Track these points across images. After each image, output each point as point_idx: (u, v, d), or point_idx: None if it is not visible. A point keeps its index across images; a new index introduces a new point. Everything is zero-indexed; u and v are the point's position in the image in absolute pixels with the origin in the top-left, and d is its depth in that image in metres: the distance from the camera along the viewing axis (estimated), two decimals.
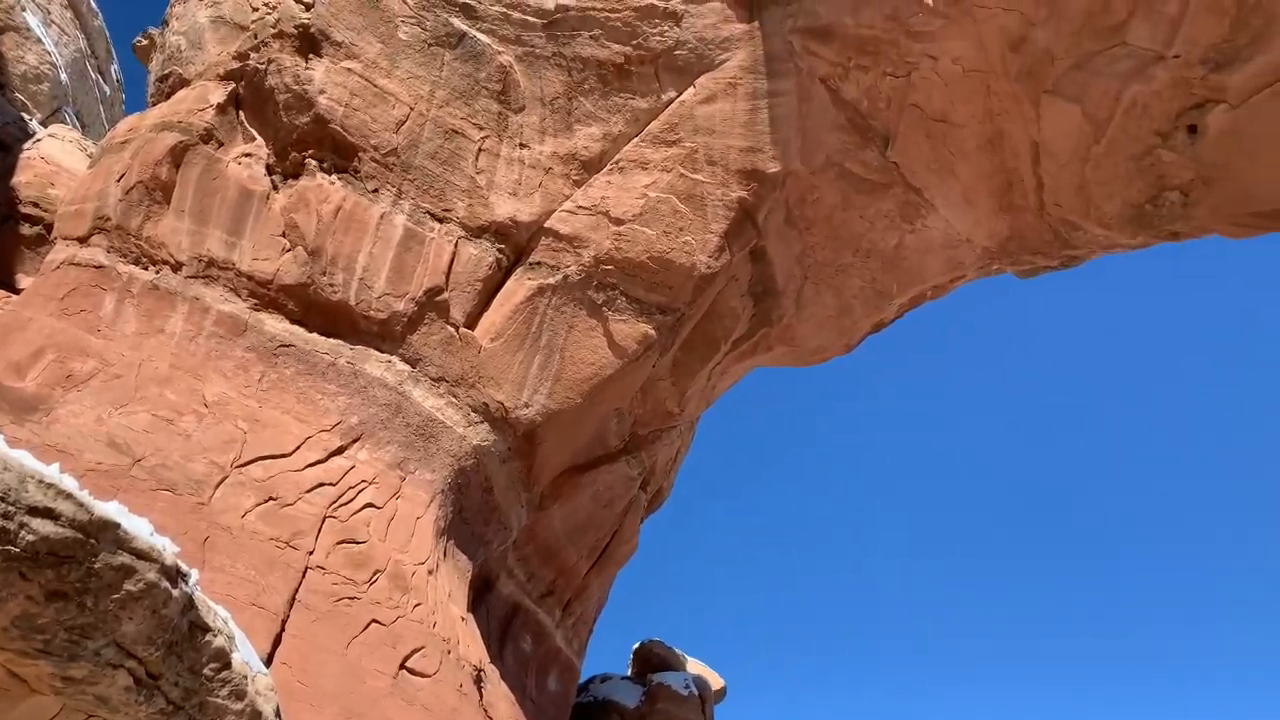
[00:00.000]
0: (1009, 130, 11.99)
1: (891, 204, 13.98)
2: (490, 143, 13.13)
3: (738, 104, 13.51)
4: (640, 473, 15.14)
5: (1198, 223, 11.26)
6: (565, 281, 13.00)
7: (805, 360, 16.45)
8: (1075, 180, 11.64)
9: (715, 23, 13.42)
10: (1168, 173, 10.83)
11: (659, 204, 13.26)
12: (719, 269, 13.52)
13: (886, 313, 15.44)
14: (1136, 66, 10.17)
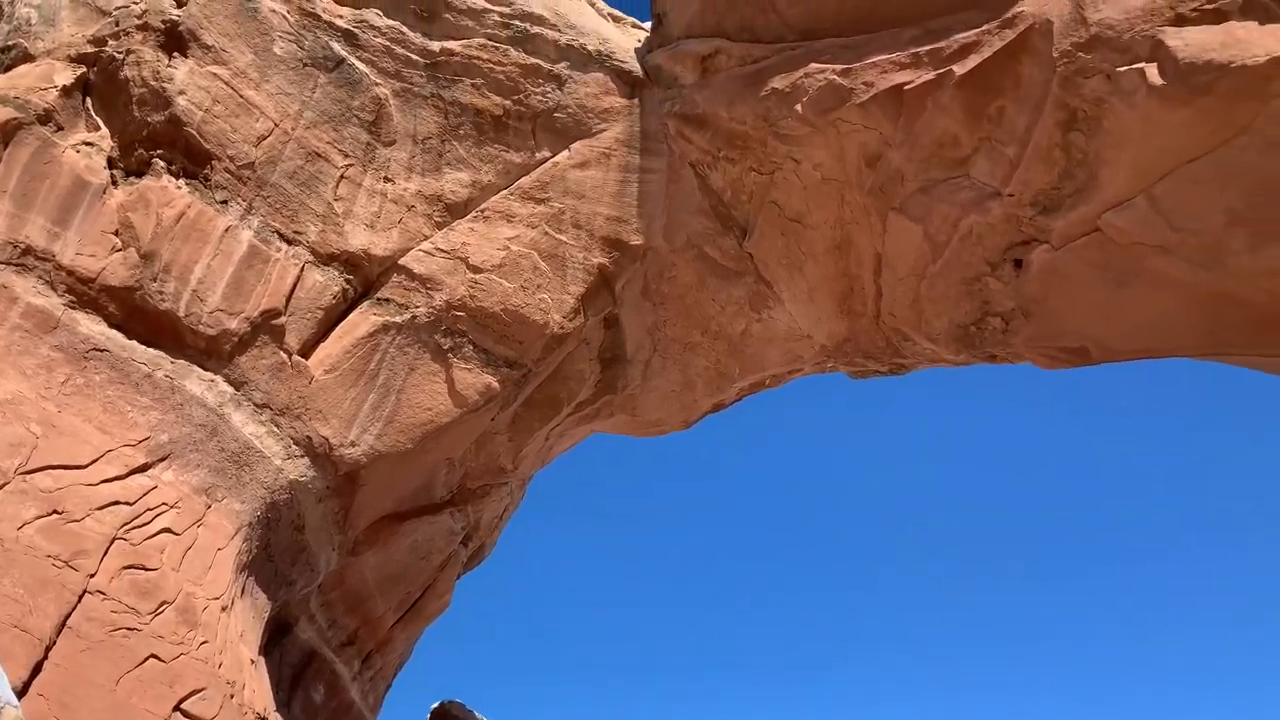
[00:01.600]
0: (857, 239, 12.65)
1: (743, 292, 14.45)
2: (354, 171, 12.86)
3: (610, 174, 13.76)
4: (464, 527, 14.81)
5: (1014, 349, 12.12)
6: (413, 322, 12.74)
7: (644, 431, 16.62)
8: (911, 294, 12.36)
9: (597, 93, 13.70)
10: (992, 300, 11.65)
11: (520, 258, 13.26)
12: (572, 330, 13.59)
13: (727, 395, 15.84)
14: (976, 199, 10.93)
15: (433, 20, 13.39)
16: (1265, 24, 8.50)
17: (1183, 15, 8.83)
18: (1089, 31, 9.25)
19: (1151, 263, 10.14)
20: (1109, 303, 10.80)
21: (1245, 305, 10.05)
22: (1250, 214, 9.23)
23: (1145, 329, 10.99)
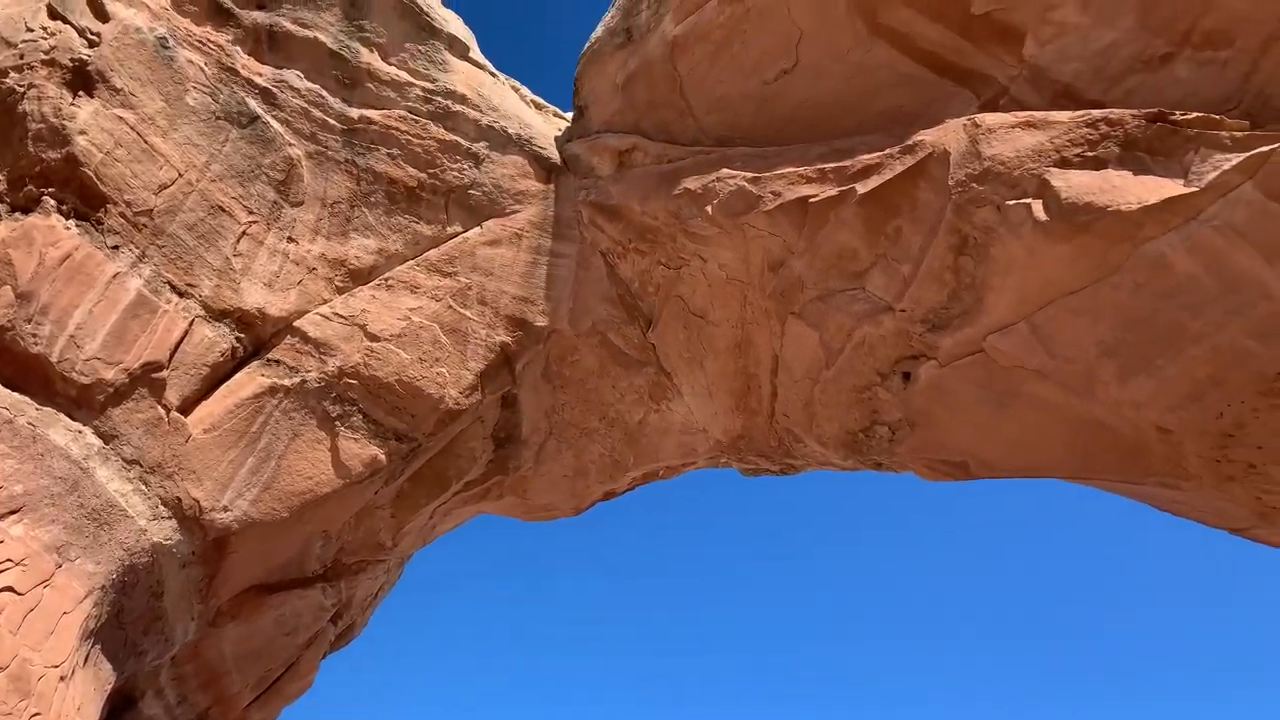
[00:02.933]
0: (757, 339, 12.93)
1: (644, 381, 14.55)
2: (257, 229, 12.58)
3: (520, 254, 13.81)
4: (335, 604, 14.18)
5: (898, 459, 12.45)
6: (302, 386, 12.37)
7: (533, 515, 16.36)
8: (804, 397, 12.64)
9: (514, 175, 13.84)
10: (881, 409, 12.00)
11: (421, 330, 13.09)
12: (468, 407, 13.39)
13: (619, 483, 15.77)
14: (870, 311, 11.33)
15: (354, 88, 13.41)
16: (1138, 175, 9.18)
17: (1067, 159, 9.48)
18: (982, 165, 9.82)
19: (1030, 386, 10.61)
20: (989, 421, 11.22)
21: (1112, 433, 10.58)
22: (1119, 348, 9.78)
23: (1022, 449, 11.43)
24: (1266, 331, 8.92)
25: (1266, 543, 11.67)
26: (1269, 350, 9.00)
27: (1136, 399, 9.94)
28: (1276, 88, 9.21)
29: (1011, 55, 10.83)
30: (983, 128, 10.07)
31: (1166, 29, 9.78)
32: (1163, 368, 9.64)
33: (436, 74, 14.10)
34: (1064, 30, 10.39)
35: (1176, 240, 8.98)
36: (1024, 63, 10.73)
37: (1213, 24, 9.46)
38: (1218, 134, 8.83)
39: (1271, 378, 9.17)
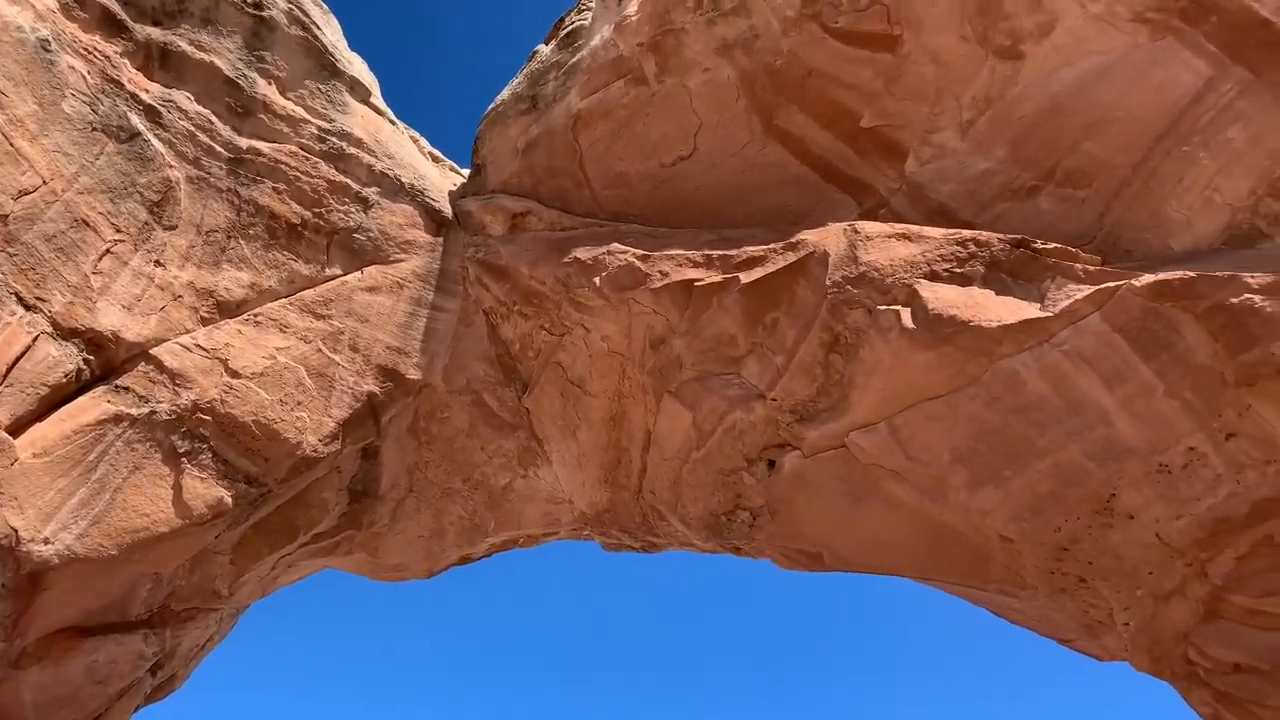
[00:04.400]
0: (631, 414, 13.00)
1: (514, 445, 14.37)
2: (123, 248, 11.97)
3: (399, 304, 13.56)
4: (156, 653, 13.18)
5: (757, 545, 12.62)
6: (150, 417, 11.68)
7: (382, 575, 15.75)
8: (673, 476, 12.72)
9: (402, 224, 13.67)
10: (745, 495, 12.18)
11: (286, 370, 12.61)
12: (326, 455, 12.89)
13: (477, 548, 15.40)
14: (743, 397, 11.58)
15: (246, 117, 13.07)
16: (1000, 295, 9.77)
17: (937, 272, 10.02)
18: (858, 269, 10.28)
19: (886, 485, 10.99)
20: (845, 515, 11.53)
21: (960, 538, 11.02)
22: (971, 456, 10.27)
23: (874, 545, 11.77)
24: (1103, 454, 9.54)
25: (1088, 654, 12.28)
26: (1104, 472, 9.61)
27: (984, 507, 10.42)
28: (1126, 229, 10.03)
29: (894, 170, 11.47)
30: (862, 234, 10.57)
31: (1034, 164, 10.57)
32: (1009, 479, 10.15)
33: (334, 114, 13.89)
34: (943, 153, 11.10)
35: (1030, 360, 9.57)
36: (904, 179, 11.38)
37: (1075, 164, 10.28)
38: (1073, 265, 9.53)
39: (1105, 498, 9.78)
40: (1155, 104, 9.66)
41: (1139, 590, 10.01)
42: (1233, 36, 9.13)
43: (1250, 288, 8.50)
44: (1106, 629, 10.88)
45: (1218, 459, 9.04)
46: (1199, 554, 9.40)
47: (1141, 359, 9.08)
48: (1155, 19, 9.48)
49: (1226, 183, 9.29)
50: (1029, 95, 10.40)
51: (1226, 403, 8.84)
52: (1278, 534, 8.95)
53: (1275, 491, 8.83)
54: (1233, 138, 9.20)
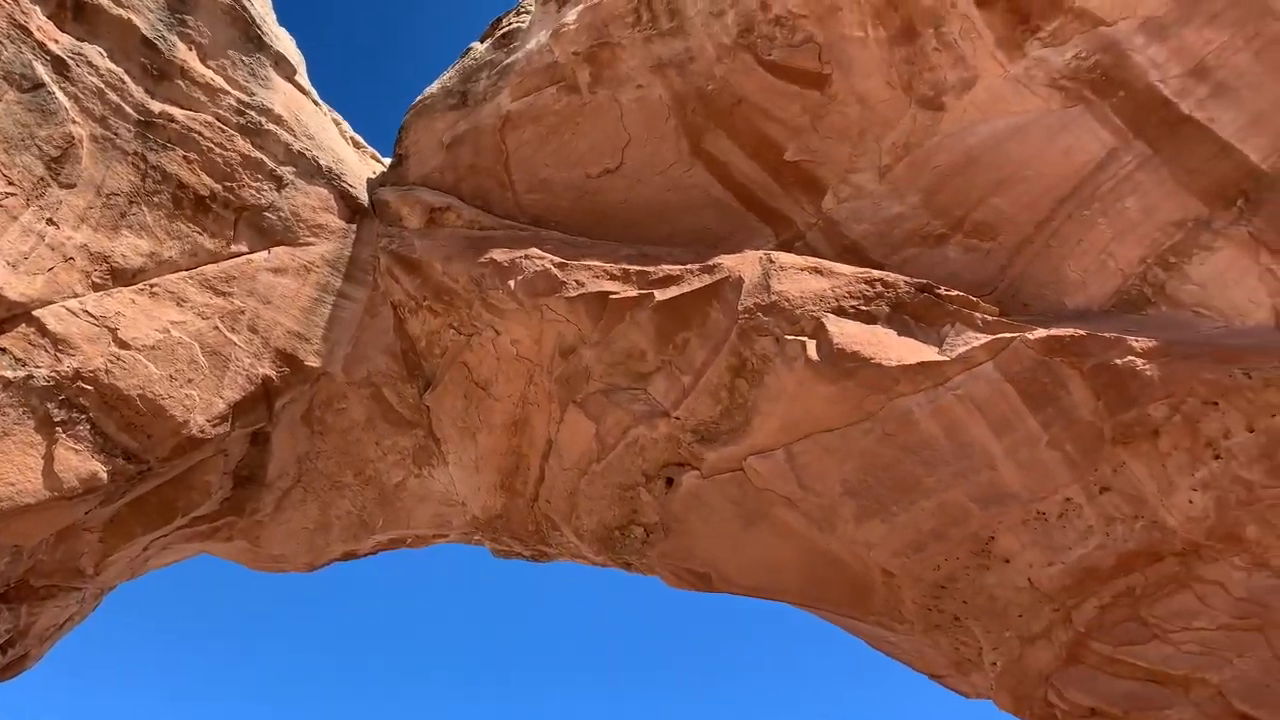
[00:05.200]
0: (534, 421, 12.92)
1: (410, 443, 14.11)
2: (14, 203, 11.35)
3: (305, 288, 13.22)
4: (9, 630, 12.47)
5: (648, 562, 12.67)
6: (26, 382, 11.08)
7: (261, 565, 15.25)
8: (570, 487, 12.68)
9: (316, 207, 13.35)
10: (640, 510, 12.23)
11: (178, 346, 12.13)
12: (213, 437, 12.43)
13: (362, 545, 15.05)
14: (648, 413, 11.63)
15: (161, 80, 12.59)
16: (901, 335, 10.08)
17: (844, 308, 10.28)
18: (770, 298, 10.47)
19: (778, 511, 11.18)
20: (736, 538, 11.68)
21: (844, 568, 11.28)
22: (861, 490, 10.54)
23: (761, 570, 11.95)
24: (986, 498, 9.91)
25: (958, 691, 12.69)
26: (985, 515, 9.99)
27: (869, 539, 10.69)
28: (1025, 283, 10.47)
29: (812, 205, 11.74)
30: (776, 264, 10.77)
31: (945, 213, 10.96)
32: (895, 514, 10.45)
33: (256, 88, 13.48)
34: (860, 194, 11.41)
35: (924, 401, 9.89)
36: (822, 214, 11.66)
37: (983, 217, 10.70)
38: (973, 314, 9.90)
39: (984, 540, 10.16)
40: (1062, 167, 10.12)
41: (1008, 632, 10.40)
42: (1137, 112, 9.65)
43: (1134, 351, 8.97)
44: (975, 667, 11.27)
45: (1091, 511, 9.49)
46: (1066, 600, 9.84)
47: (1029, 409, 9.48)
48: (1069, 87, 9.95)
49: (1120, 249, 9.80)
50: (946, 146, 10.78)
51: (1103, 458, 9.30)
52: (1138, 587, 9.44)
53: (1140, 546, 9.31)
54: (1129, 207, 9.71)
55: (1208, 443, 8.82)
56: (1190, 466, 8.93)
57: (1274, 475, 8.57)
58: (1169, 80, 9.43)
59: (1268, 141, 8.92)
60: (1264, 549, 8.73)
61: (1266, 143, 8.92)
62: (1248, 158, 9.01)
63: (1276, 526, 8.63)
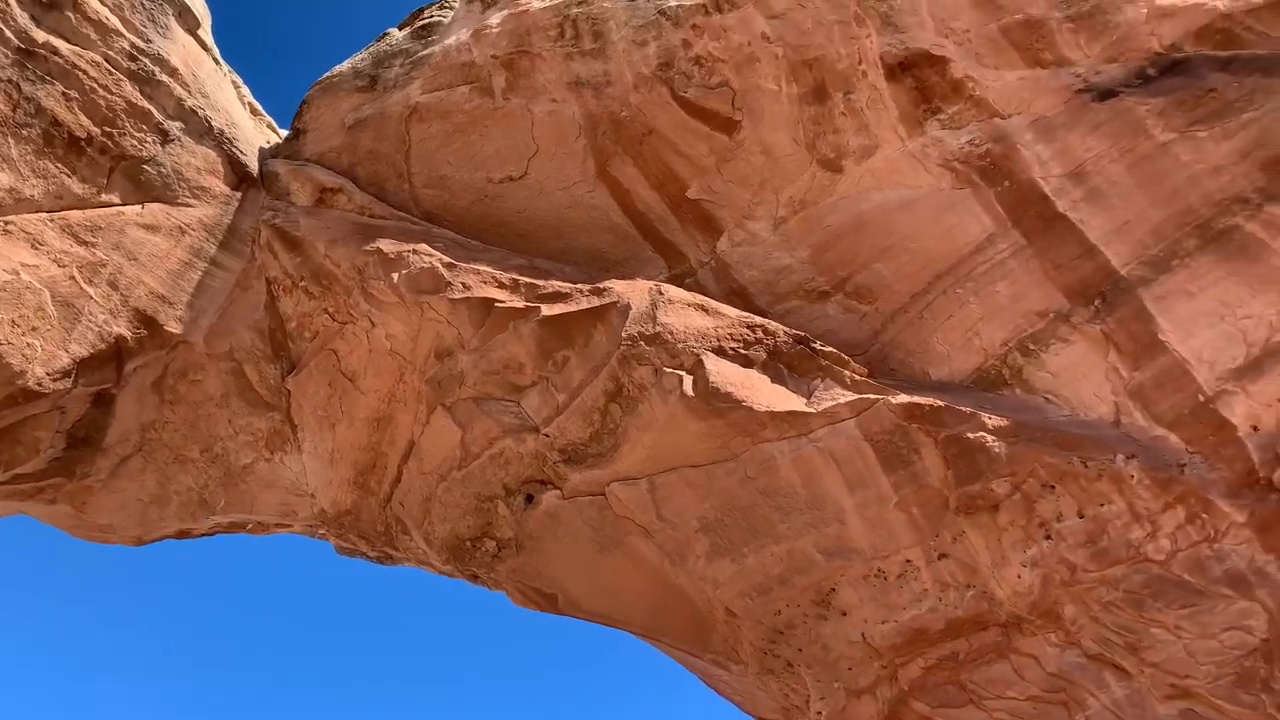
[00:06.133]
0: (399, 420, 12.62)
1: (265, 426, 13.56)
2: None
3: (176, 250, 12.61)
4: None
5: (495, 576, 12.50)
6: None
7: (85, 533, 14.31)
8: (427, 491, 12.42)
9: (201, 168, 12.78)
10: (496, 524, 12.07)
11: (27, 291, 11.35)
12: (51, 391, 11.64)
13: (199, 525, 14.32)
14: (517, 426, 11.52)
15: (50, 10, 11.84)
16: (774, 383, 10.32)
17: (723, 349, 10.46)
18: (655, 328, 10.56)
19: (633, 540, 11.23)
20: (589, 562, 11.66)
21: (689, 604, 11.40)
22: (716, 528, 10.70)
23: (609, 596, 11.95)
24: (833, 550, 10.20)
25: None
26: (829, 566, 10.28)
27: (717, 578, 10.84)
28: (895, 349, 10.90)
29: (707, 244, 11.94)
30: (665, 296, 10.89)
31: (830, 272, 11.32)
32: (746, 556, 10.65)
33: (154, 36, 12.83)
34: (754, 240, 11.68)
35: (787, 449, 10.14)
36: (715, 255, 11.87)
37: (865, 281, 11.10)
38: (843, 371, 10.23)
39: (826, 591, 10.45)
40: (944, 245, 10.61)
41: (837, 683, 10.70)
42: (1017, 203, 10.22)
43: (986, 427, 9.45)
44: (801, 714, 11.53)
45: (928, 575, 9.89)
46: (895, 658, 10.20)
47: (883, 470, 9.84)
48: (959, 170, 10.46)
49: (987, 330, 10.31)
50: (840, 208, 11.16)
51: (945, 526, 9.72)
52: (962, 652, 9.88)
53: (969, 614, 9.76)
54: (999, 291, 10.24)
55: (1041, 523, 9.34)
56: (1023, 543, 9.43)
57: (1096, 560, 9.13)
58: (1050, 178, 10.03)
59: (1129, 249, 9.56)
60: (1078, 629, 9.27)
61: (1128, 250, 9.57)
62: (1110, 261, 9.64)
63: (1091, 609, 9.19)
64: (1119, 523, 9.04)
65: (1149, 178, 9.54)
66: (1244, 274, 8.94)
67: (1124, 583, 9.02)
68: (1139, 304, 9.41)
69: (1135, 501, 8.98)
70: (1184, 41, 9.55)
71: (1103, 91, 9.88)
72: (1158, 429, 9.21)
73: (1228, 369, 8.90)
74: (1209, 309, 9.06)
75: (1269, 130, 8.98)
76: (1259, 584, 8.55)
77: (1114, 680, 9.18)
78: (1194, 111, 9.37)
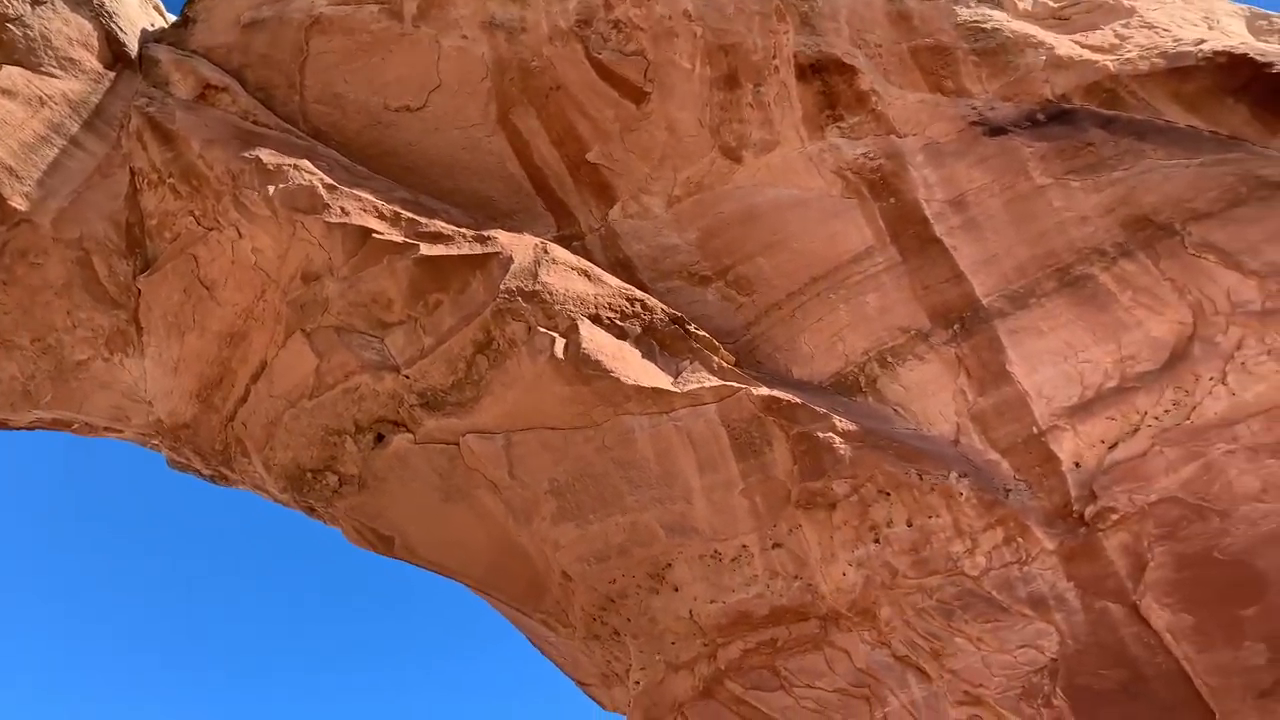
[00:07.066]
0: (254, 338, 12.11)
1: (108, 324, 12.77)
2: None
3: (33, 121, 11.75)
4: None
5: (333, 512, 12.20)
6: None
7: None
8: (273, 415, 11.97)
9: (73, 38, 11.91)
10: (341, 459, 11.76)
11: None
12: None
13: (19, 418, 13.38)
14: (377, 363, 11.23)
15: None
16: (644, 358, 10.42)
17: (600, 317, 10.47)
18: (535, 286, 10.47)
19: (481, 493, 11.17)
20: (433, 510, 11.54)
21: (529, 563, 11.44)
22: (566, 492, 10.76)
23: (449, 546, 11.87)
24: (675, 527, 10.41)
25: (597, 701, 13.20)
26: (669, 542, 10.48)
27: (560, 541, 10.90)
28: (764, 343, 11.15)
29: (599, 211, 11.90)
30: (550, 256, 10.80)
31: (715, 258, 11.46)
32: (591, 523, 10.74)
33: None
34: (646, 214, 11.70)
35: (647, 424, 10.26)
36: (606, 223, 11.84)
37: (746, 272, 11.29)
38: (712, 357, 10.42)
39: (662, 566, 10.65)
40: (825, 249, 10.89)
41: (659, 656, 10.95)
42: (899, 221, 10.59)
43: (836, 429, 9.80)
44: (619, 683, 11.77)
45: (760, 562, 10.22)
46: (717, 638, 10.50)
47: (735, 456, 10.10)
48: (851, 180, 10.76)
49: (851, 337, 10.67)
50: (734, 197, 11.30)
51: (784, 517, 10.06)
52: (780, 639, 10.26)
53: (793, 603, 10.14)
54: (869, 302, 10.61)
55: (872, 526, 9.78)
56: (853, 543, 9.85)
57: (917, 568, 9.63)
58: (933, 202, 10.42)
59: (993, 281, 10.06)
60: (890, 630, 9.77)
61: (992, 282, 10.06)
62: (974, 290, 10.11)
63: (905, 613, 9.70)
64: (943, 535, 9.55)
65: (1022, 217, 10.04)
66: (1091, 320, 9.53)
67: (938, 592, 9.55)
68: (994, 334, 9.91)
69: (960, 518, 9.50)
70: (1073, 94, 10.07)
71: (994, 127, 10.32)
72: (992, 453, 9.75)
73: (1062, 406, 9.49)
74: (1055, 348, 9.63)
75: (1134, 191, 9.58)
76: (1057, 608, 9.19)
77: (915, 682, 9.73)
78: (1072, 161, 9.90)
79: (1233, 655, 8.49)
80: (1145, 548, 8.92)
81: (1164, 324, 9.30)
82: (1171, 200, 9.43)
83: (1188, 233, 9.31)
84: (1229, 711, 8.40)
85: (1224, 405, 8.92)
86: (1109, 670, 8.95)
